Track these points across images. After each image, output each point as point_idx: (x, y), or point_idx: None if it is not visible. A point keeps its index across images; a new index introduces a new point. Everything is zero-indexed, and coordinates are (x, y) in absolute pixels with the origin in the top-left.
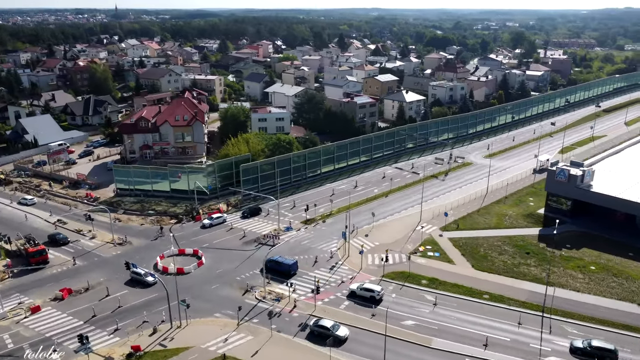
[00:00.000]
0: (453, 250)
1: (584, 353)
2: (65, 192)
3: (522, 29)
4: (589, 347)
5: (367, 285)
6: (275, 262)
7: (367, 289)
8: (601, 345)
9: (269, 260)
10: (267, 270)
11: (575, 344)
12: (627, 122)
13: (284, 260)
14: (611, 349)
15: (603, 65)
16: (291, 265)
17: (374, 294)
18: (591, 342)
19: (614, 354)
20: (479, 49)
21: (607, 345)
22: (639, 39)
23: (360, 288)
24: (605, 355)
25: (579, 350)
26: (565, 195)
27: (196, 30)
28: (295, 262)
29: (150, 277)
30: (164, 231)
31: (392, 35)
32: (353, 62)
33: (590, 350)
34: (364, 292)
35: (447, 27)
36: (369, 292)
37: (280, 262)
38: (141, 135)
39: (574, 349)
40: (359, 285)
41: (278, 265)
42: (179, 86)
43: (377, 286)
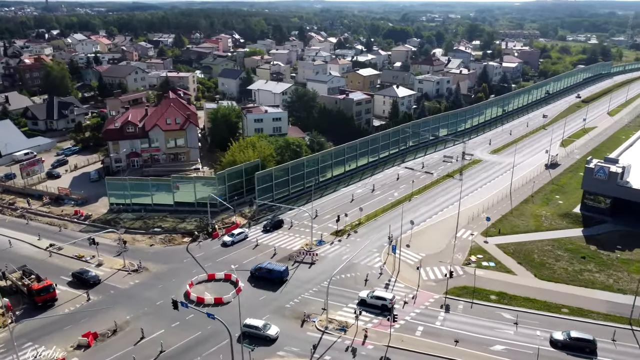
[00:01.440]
0: (506, 259)
1: (564, 345)
2: (47, 209)
3: (477, 22)
4: (569, 338)
5: (378, 292)
6: (266, 270)
7: (378, 297)
8: (580, 336)
9: (258, 268)
10: (256, 279)
11: (555, 336)
12: (610, 112)
13: (275, 267)
14: (590, 339)
15: (561, 56)
16: (283, 271)
17: (385, 302)
18: (570, 334)
19: (593, 344)
20: (435, 41)
21: (586, 336)
22: (575, 29)
23: (371, 296)
24: (585, 346)
25: (559, 342)
26: (604, 193)
27: (144, 23)
28: (286, 268)
29: (272, 329)
30: (127, 246)
31: (345, 28)
32: (323, 55)
33: (570, 341)
34: (375, 300)
35: (395, 19)
36: (380, 300)
37: (271, 270)
38: (128, 141)
39: (554, 341)
40: (369, 292)
41: (269, 272)
42: (146, 84)
43: (389, 293)
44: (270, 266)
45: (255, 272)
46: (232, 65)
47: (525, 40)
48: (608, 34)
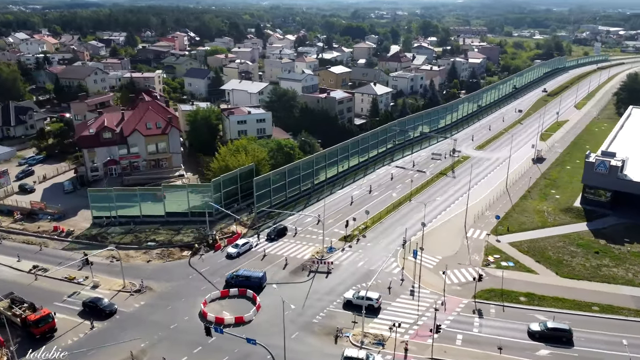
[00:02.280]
0: (523, 257)
1: (541, 335)
2: (21, 226)
3: (429, 19)
4: (546, 329)
5: (364, 292)
6: (244, 277)
7: (364, 297)
8: (556, 326)
9: (235, 276)
10: (232, 287)
11: (532, 327)
12: (576, 105)
13: (253, 273)
14: (566, 328)
15: (516, 52)
16: (262, 277)
17: (372, 302)
18: (547, 324)
19: (569, 333)
20: (390, 37)
21: (562, 326)
22: (519, 26)
23: (357, 297)
24: (561, 335)
25: (537, 333)
26: (605, 187)
27: (89, 21)
28: (264, 273)
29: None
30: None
31: (298, 25)
32: (287, 53)
33: (548, 332)
34: (361, 300)
35: (346, 17)
36: (367, 301)
37: (249, 276)
38: (105, 148)
39: (531, 332)
40: (355, 293)
41: (247, 280)
42: (107, 86)
43: (375, 293)
44: (248, 273)
45: (232, 280)
46: (196, 64)
47: (475, 37)
48: (549, 29)
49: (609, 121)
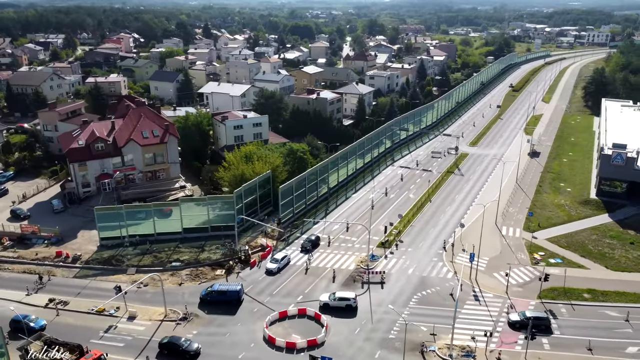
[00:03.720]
0: (567, 253)
1: (521, 325)
2: (15, 254)
3: (375, 18)
4: (525, 318)
5: (340, 293)
6: (220, 292)
7: (342, 298)
8: (535, 315)
9: (210, 292)
10: (208, 304)
11: (512, 317)
12: (544, 99)
13: (230, 287)
14: (544, 317)
15: (464, 49)
16: (239, 291)
17: (349, 302)
18: (525, 313)
19: (547, 321)
20: (337, 37)
21: (540, 314)
22: (452, 24)
23: (334, 299)
24: (540, 324)
25: (516, 323)
26: (621, 178)
27: (16, 23)
28: (242, 286)
29: None
30: (44, 281)
31: (239, 25)
32: (246, 54)
33: (526, 320)
34: (339, 302)
35: (283, 16)
36: (344, 301)
37: (226, 291)
38: (97, 161)
39: (511, 322)
40: (331, 295)
41: (224, 294)
42: (63, 92)
43: (351, 293)
44: (224, 287)
45: (207, 296)
46: (155, 66)
47: (424, 35)
48: (481, 27)
49: (580, 114)
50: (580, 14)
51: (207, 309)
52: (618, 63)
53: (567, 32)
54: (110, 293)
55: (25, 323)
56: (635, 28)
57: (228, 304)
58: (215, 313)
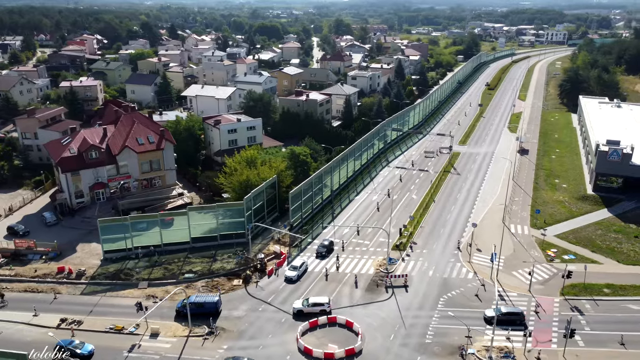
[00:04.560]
0: (577, 248)
1: (497, 321)
2: (11, 272)
3: (341, 18)
4: (500, 314)
5: (313, 299)
6: (197, 304)
7: (315, 304)
8: (510, 310)
9: (187, 304)
10: (184, 317)
11: (487, 313)
12: (519, 97)
13: (207, 299)
14: (519, 312)
15: (432, 48)
16: (217, 302)
17: (323, 307)
18: (501, 309)
19: (522, 316)
20: (304, 37)
21: (515, 310)
22: (413, 23)
23: (307, 305)
24: (515, 319)
25: (492, 319)
26: (617, 174)
27: None
28: (219, 297)
29: None
30: (5, 299)
31: (201, 25)
32: (219, 55)
33: (502, 316)
34: (313, 307)
35: (245, 16)
36: (318, 307)
37: (203, 303)
38: (90, 170)
39: (487, 318)
40: (304, 301)
41: (201, 306)
42: (34, 97)
43: (324, 297)
44: (201, 299)
45: (184, 309)
46: (128, 69)
47: (384, 34)
48: (441, 26)
49: (557, 111)
50: (534, 13)
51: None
52: (585, 61)
53: (526, 31)
54: (124, 309)
55: (71, 349)
56: (588, 26)
57: (206, 317)
58: (242, 326)
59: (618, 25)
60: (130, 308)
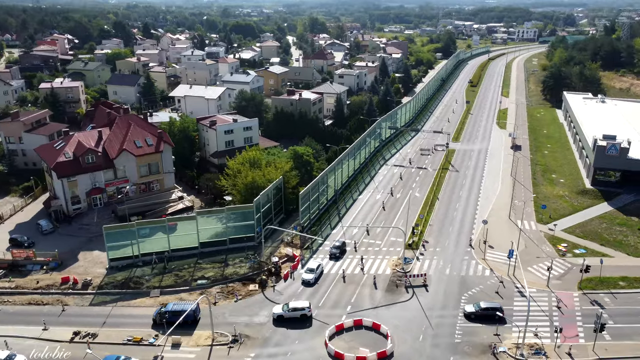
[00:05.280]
0: (586, 242)
1: (476, 316)
2: (11, 284)
3: (315, 16)
4: (480, 309)
5: (293, 303)
6: (174, 313)
7: (295, 308)
8: (488, 305)
9: (163, 312)
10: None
11: (467, 309)
12: (502, 93)
13: (185, 306)
14: (497, 306)
15: (410, 46)
16: (195, 310)
17: (304, 312)
18: (480, 304)
19: (500, 310)
20: (280, 36)
21: (494, 305)
22: (385, 22)
23: (288, 310)
24: (494, 314)
25: (472, 314)
26: (615, 168)
27: None
28: (197, 305)
29: None
30: None
31: (172, 24)
32: (200, 54)
33: (482, 311)
34: (293, 312)
35: (216, 14)
36: (299, 311)
37: (180, 311)
38: (87, 175)
39: (467, 314)
40: (284, 306)
41: (178, 315)
42: (10, 100)
43: (305, 302)
44: (178, 307)
45: (161, 317)
46: (107, 69)
47: (362, 33)
48: (412, 24)
49: (541, 107)
50: (502, 11)
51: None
52: (561, 57)
53: (497, 29)
54: (139, 319)
55: None
56: (554, 24)
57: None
58: (267, 333)
59: (582, 23)
60: (145, 318)
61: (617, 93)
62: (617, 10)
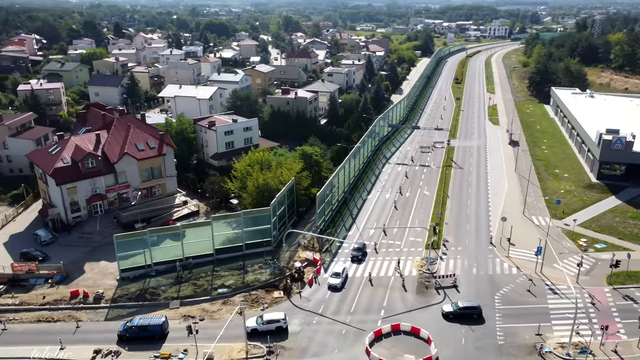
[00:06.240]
0: (605, 237)
1: (454, 315)
2: (15, 300)
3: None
4: (458, 309)
5: (267, 315)
6: (141, 327)
7: (270, 321)
8: (467, 305)
9: (129, 327)
10: (127, 342)
11: (445, 309)
12: (488, 89)
13: (152, 321)
14: (475, 306)
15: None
16: (163, 324)
17: (279, 324)
18: (458, 304)
19: (479, 310)
20: (256, 35)
21: (472, 304)
22: (355, 20)
23: (262, 322)
24: (472, 313)
25: (450, 314)
26: (621, 162)
27: None
28: (165, 318)
29: None
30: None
31: (141, 24)
32: (179, 53)
33: (460, 311)
34: (268, 325)
35: (183, 14)
36: (274, 324)
37: (147, 325)
38: (87, 181)
39: (445, 313)
40: (258, 319)
41: (145, 330)
42: None
43: (279, 313)
44: (144, 321)
45: (127, 332)
46: (86, 70)
47: (335, 31)
48: (383, 23)
49: (529, 102)
50: (470, 9)
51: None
52: (540, 54)
53: (469, 27)
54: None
55: None
56: (522, 22)
57: (150, 340)
58: (302, 343)
59: (546, 20)
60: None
61: (598, 88)
62: (577, 8)
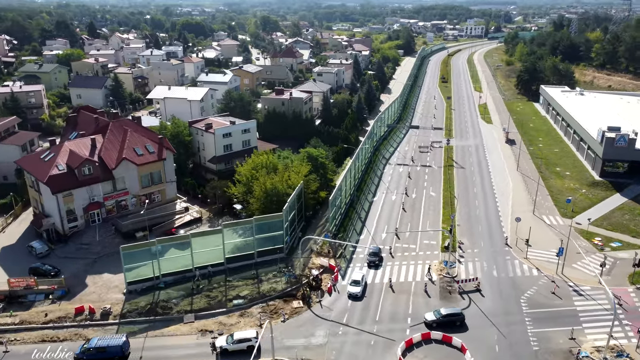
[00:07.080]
0: (618, 235)
1: (438, 323)
2: (13, 319)
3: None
4: (441, 316)
5: (238, 334)
6: (100, 349)
7: (241, 340)
8: (449, 312)
9: (86, 350)
10: None
11: (427, 317)
12: (475, 88)
13: (111, 342)
14: (458, 312)
15: None
16: (123, 344)
17: (251, 342)
18: (440, 311)
19: (462, 316)
20: (230, 33)
21: (454, 311)
22: (331, 20)
23: (232, 342)
24: (455, 320)
25: (433, 323)
26: (624, 159)
27: None
28: (126, 338)
29: None
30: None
31: (114, 23)
32: (159, 54)
33: (443, 318)
34: (238, 344)
35: (156, 13)
36: (245, 343)
37: (106, 347)
38: (84, 188)
39: (428, 322)
40: (228, 338)
41: (103, 351)
42: None
43: (251, 331)
44: (103, 342)
45: (84, 355)
46: (64, 71)
47: (313, 31)
48: (358, 22)
49: (518, 101)
50: (443, 9)
51: None
52: (523, 52)
53: (445, 26)
54: (180, 350)
55: None
56: (496, 21)
57: None
58: (330, 355)
59: (517, 20)
60: (187, 348)
61: (582, 86)
62: (546, 7)
